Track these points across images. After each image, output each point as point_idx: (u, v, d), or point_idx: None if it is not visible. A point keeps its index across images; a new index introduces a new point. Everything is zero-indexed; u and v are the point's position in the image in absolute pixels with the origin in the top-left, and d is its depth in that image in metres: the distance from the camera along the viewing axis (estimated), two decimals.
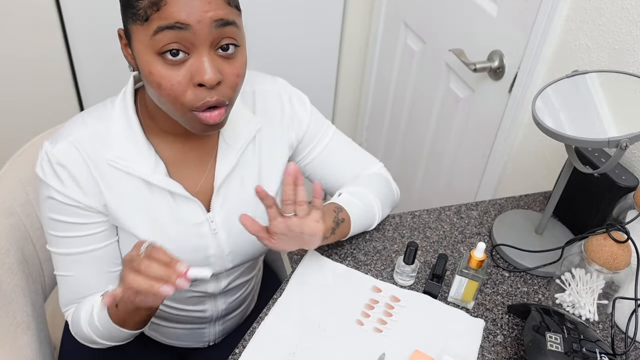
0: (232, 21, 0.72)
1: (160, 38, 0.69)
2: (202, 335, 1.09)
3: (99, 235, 0.86)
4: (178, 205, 0.88)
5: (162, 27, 0.68)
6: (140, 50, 0.72)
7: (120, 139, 0.83)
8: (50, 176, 0.81)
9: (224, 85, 0.74)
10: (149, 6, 0.68)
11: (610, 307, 0.93)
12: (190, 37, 0.69)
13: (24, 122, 1.65)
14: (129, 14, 0.71)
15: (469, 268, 0.89)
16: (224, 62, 0.73)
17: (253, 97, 0.93)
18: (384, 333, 0.87)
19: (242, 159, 0.92)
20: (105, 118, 0.84)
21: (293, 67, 1.90)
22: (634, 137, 0.80)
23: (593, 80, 0.91)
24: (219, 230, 0.92)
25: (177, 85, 0.71)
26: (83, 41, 1.56)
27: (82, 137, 0.82)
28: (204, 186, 0.90)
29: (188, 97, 0.72)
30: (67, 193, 0.81)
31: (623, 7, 1.01)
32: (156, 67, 0.71)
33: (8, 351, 0.88)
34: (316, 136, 1.00)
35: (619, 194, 0.98)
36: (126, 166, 0.83)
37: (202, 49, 0.71)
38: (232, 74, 0.74)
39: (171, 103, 0.73)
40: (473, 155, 1.51)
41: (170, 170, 0.87)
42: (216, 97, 0.73)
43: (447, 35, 1.51)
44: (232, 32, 0.72)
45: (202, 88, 0.72)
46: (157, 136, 0.86)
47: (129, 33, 0.74)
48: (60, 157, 0.80)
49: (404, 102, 1.81)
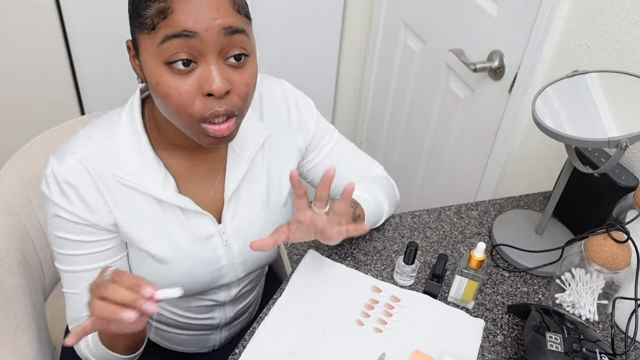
0: (241, 29, 0.70)
1: (168, 47, 0.67)
2: (207, 341, 1.09)
3: (106, 252, 0.85)
4: (189, 220, 0.86)
5: (169, 35, 0.66)
6: (148, 60, 0.70)
7: (127, 153, 0.81)
8: (57, 194, 0.79)
9: (233, 95, 0.72)
10: (156, 15, 0.67)
11: (610, 307, 0.93)
12: (198, 46, 0.67)
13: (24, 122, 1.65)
14: (137, 23, 0.70)
15: (469, 268, 0.89)
16: (233, 72, 0.71)
17: (260, 102, 0.92)
18: (384, 333, 0.87)
19: (252, 168, 0.90)
20: (112, 132, 0.81)
21: (293, 67, 1.90)
22: (634, 137, 0.80)
23: (593, 80, 0.91)
24: (231, 241, 0.91)
25: (185, 95, 0.69)
26: (83, 42, 1.56)
27: (89, 154, 0.79)
28: (214, 198, 0.89)
29: (196, 107, 0.70)
30: (74, 211, 0.80)
31: (623, 7, 1.01)
32: (163, 77, 0.69)
33: (8, 351, 0.88)
34: (322, 141, 0.99)
35: (619, 194, 0.98)
36: (135, 183, 0.81)
37: (210, 58, 0.69)
38: (242, 83, 0.72)
39: (179, 114, 0.71)
40: (473, 155, 1.51)
41: (179, 184, 0.85)
42: (225, 107, 0.71)
43: (447, 35, 1.51)
44: (242, 41, 0.70)
45: (210, 98, 0.70)
46: (165, 150, 0.84)
47: (136, 44, 0.72)
48: (68, 176, 0.78)
49: (404, 102, 1.81)
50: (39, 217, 1.03)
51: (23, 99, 1.61)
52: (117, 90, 1.69)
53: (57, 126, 1.10)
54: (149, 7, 0.67)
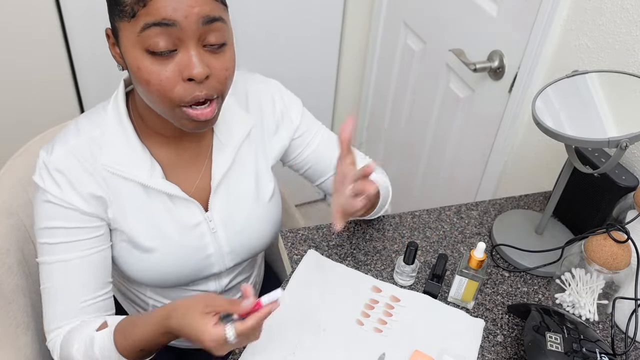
0: (218, 17, 0.72)
1: (148, 34, 0.69)
2: None
3: (95, 239, 0.85)
4: (176, 207, 0.88)
5: (149, 23, 0.69)
6: (128, 47, 0.72)
7: (115, 143, 0.83)
8: (49, 182, 0.81)
9: (213, 79, 0.74)
10: (135, 2, 0.69)
11: (610, 307, 0.93)
12: (178, 33, 0.70)
13: (24, 123, 1.65)
14: (116, 11, 0.72)
15: (469, 268, 0.89)
16: (212, 57, 0.74)
17: (246, 97, 0.94)
18: (384, 333, 0.87)
19: (238, 157, 0.92)
20: (100, 123, 0.84)
21: (293, 68, 1.90)
22: (634, 137, 0.80)
23: (593, 80, 0.91)
24: (218, 229, 0.92)
25: (166, 80, 0.72)
26: (83, 41, 1.56)
27: (79, 143, 0.82)
28: (201, 186, 0.90)
29: (177, 92, 0.73)
30: (65, 198, 0.81)
31: (623, 7, 1.01)
32: (144, 63, 0.71)
33: (8, 351, 0.88)
34: (309, 133, 1.00)
35: (619, 194, 0.98)
36: (122, 171, 0.83)
37: (190, 44, 0.71)
38: (221, 68, 0.75)
39: (160, 99, 0.74)
40: (473, 156, 1.51)
41: (166, 172, 0.87)
42: (205, 92, 0.74)
43: (447, 35, 1.51)
44: (219, 27, 0.73)
45: (191, 83, 0.72)
46: (150, 138, 0.86)
47: (116, 31, 0.74)
48: (58, 164, 0.80)
49: (404, 102, 1.81)
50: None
51: (23, 99, 1.61)
52: None
53: (57, 126, 1.10)
54: None
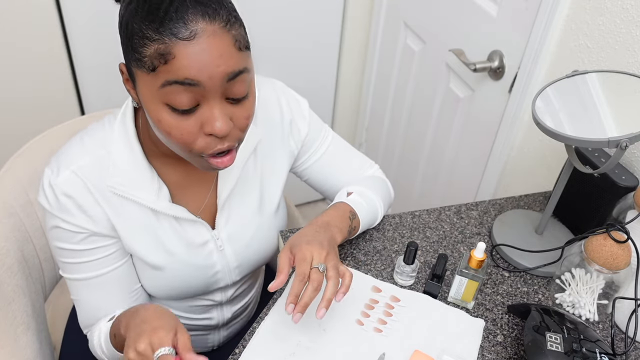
0: (243, 69, 0.69)
1: (169, 90, 0.66)
2: (206, 340, 1.09)
3: (109, 257, 0.85)
4: (183, 228, 0.87)
5: (170, 81, 0.65)
6: (147, 96, 0.69)
7: (121, 164, 0.80)
8: (56, 207, 0.79)
9: (235, 130, 0.72)
10: (156, 57, 0.64)
11: (610, 307, 0.93)
12: (201, 92, 0.67)
13: (24, 122, 1.65)
14: (133, 57, 0.67)
15: (469, 268, 0.89)
16: (234, 108, 0.71)
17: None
18: (384, 333, 0.87)
19: (244, 174, 0.90)
20: (106, 141, 0.81)
21: (293, 68, 1.90)
22: (634, 137, 0.80)
23: (593, 80, 0.91)
24: (225, 246, 0.92)
25: (188, 135, 0.69)
26: (83, 41, 1.56)
27: (84, 164, 0.79)
28: (208, 204, 0.90)
29: (198, 145, 0.71)
30: (74, 222, 0.80)
31: (623, 7, 1.01)
32: (164, 115, 0.68)
33: (8, 351, 0.88)
34: (315, 141, 0.99)
35: (619, 194, 0.98)
36: (129, 193, 0.81)
37: (213, 100, 0.68)
38: (243, 117, 0.72)
39: (180, 148, 0.72)
40: (473, 155, 1.51)
41: (173, 193, 0.86)
42: (227, 144, 0.72)
43: (447, 35, 1.51)
44: (244, 79, 0.69)
45: (212, 136, 0.70)
46: (159, 159, 0.84)
47: (132, 75, 0.70)
48: (65, 188, 0.78)
49: (404, 102, 1.81)
50: (39, 217, 1.03)
51: (23, 99, 1.61)
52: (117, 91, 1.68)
53: (57, 126, 1.10)
54: (146, 46, 0.65)
